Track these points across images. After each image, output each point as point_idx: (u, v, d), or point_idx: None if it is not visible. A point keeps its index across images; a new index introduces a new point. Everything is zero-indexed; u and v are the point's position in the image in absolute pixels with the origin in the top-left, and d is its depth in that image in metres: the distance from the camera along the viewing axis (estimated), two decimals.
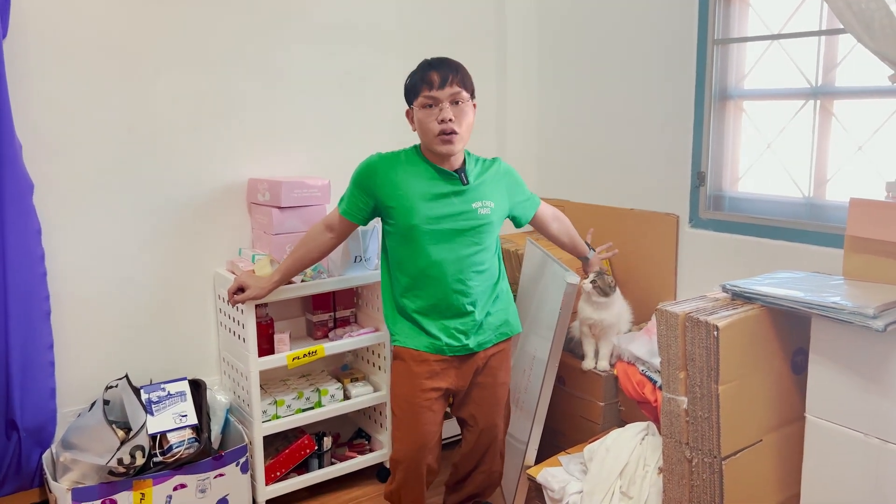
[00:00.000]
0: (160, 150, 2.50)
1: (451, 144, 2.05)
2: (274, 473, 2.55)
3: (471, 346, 2.16)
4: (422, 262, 2.10)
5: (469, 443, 2.28)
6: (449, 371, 2.16)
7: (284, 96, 2.72)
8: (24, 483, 2.34)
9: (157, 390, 2.37)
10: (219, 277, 2.59)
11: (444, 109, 2.03)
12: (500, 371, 2.25)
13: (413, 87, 2.08)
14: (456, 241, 2.10)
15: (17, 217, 2.19)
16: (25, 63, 2.23)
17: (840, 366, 1.70)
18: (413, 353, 2.15)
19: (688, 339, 1.80)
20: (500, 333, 2.23)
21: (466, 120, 2.08)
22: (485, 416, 2.24)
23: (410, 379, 2.15)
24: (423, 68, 2.08)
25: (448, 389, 2.18)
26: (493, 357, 2.22)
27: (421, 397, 2.13)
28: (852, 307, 1.61)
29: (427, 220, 2.08)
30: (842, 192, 2.32)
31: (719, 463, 1.78)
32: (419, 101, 2.06)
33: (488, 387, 2.22)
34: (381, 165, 2.14)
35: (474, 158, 2.22)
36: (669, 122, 2.72)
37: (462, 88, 2.06)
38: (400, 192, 2.10)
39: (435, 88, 2.03)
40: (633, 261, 2.90)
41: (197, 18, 2.50)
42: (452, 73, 2.04)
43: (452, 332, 2.14)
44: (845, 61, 2.27)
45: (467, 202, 2.11)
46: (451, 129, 2.03)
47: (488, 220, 2.14)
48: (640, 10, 2.79)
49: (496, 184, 2.20)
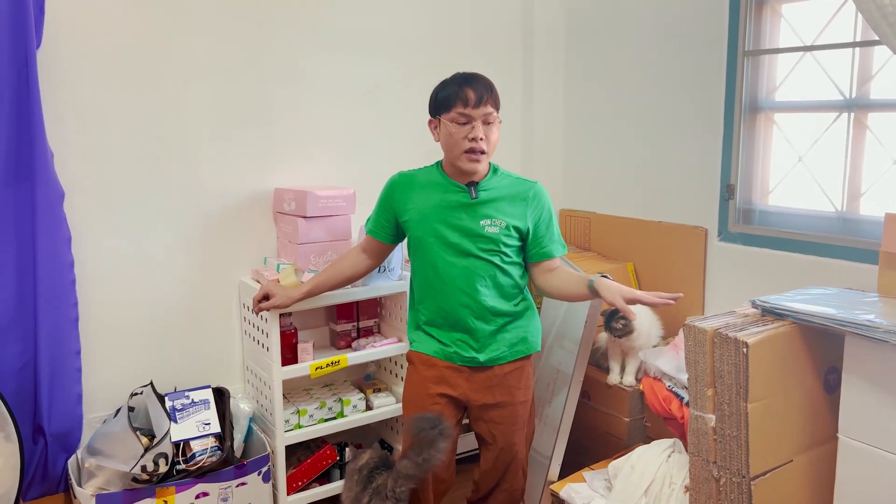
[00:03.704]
0: (188, 159, 2.52)
1: (478, 163, 2.07)
2: (296, 483, 2.54)
3: (480, 359, 2.13)
4: (429, 274, 2.14)
5: (488, 461, 2.24)
6: (458, 380, 2.15)
7: (311, 106, 2.73)
8: (50, 488, 2.37)
9: (181, 398, 2.38)
10: (244, 286, 2.61)
11: (476, 128, 2.04)
12: (519, 390, 2.18)
13: (447, 99, 2.07)
14: (463, 255, 2.10)
15: (48, 225, 2.22)
16: (58, 73, 2.27)
17: (874, 385, 1.65)
18: (423, 357, 2.19)
19: (716, 356, 1.76)
20: (516, 351, 2.17)
21: (493, 138, 2.09)
22: (503, 435, 2.19)
23: (418, 382, 2.19)
24: (458, 83, 2.07)
25: (457, 399, 2.16)
26: (510, 375, 2.17)
27: (427, 401, 2.14)
28: (888, 326, 1.57)
29: (433, 233, 2.11)
30: (876, 207, 2.27)
31: (748, 483, 1.74)
32: (451, 115, 2.06)
33: (506, 405, 2.17)
34: (400, 182, 2.21)
35: (504, 175, 2.18)
36: (699, 134, 2.69)
37: (494, 109, 2.07)
38: (412, 205, 2.15)
39: (470, 106, 2.03)
40: (661, 274, 2.86)
41: (225, 29, 2.53)
42: (487, 93, 2.05)
43: (461, 343, 2.14)
44: (881, 73, 2.22)
45: (475, 218, 2.10)
46: (481, 148, 2.05)
47: (496, 239, 2.09)
48: (670, 22, 2.76)
49: (517, 204, 2.13)
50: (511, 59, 3.19)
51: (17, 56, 2.11)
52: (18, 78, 2.12)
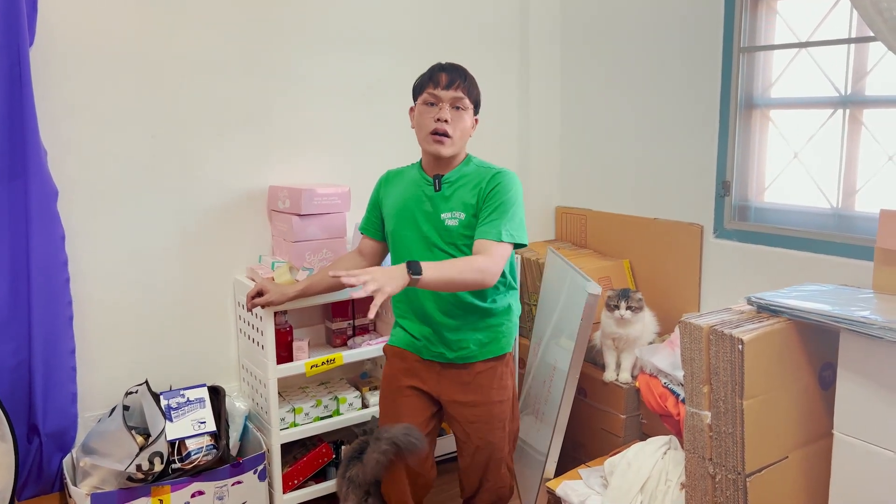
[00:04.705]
0: (183, 157, 2.51)
1: (442, 145, 2.05)
2: (291, 481, 2.54)
3: (449, 356, 2.13)
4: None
5: (465, 460, 2.22)
6: (428, 374, 2.16)
7: (307, 104, 2.72)
8: (45, 487, 2.36)
9: (176, 396, 2.38)
10: (239, 284, 2.60)
11: (442, 109, 2.03)
12: (493, 390, 2.15)
13: (419, 84, 2.10)
14: (429, 248, 2.09)
15: (42, 223, 2.21)
16: (51, 70, 2.25)
17: (869, 382, 1.65)
18: (395, 350, 2.22)
19: (712, 353, 1.76)
20: (487, 351, 2.14)
21: (462, 125, 2.06)
22: (478, 435, 2.16)
23: (390, 375, 2.22)
24: (433, 68, 2.10)
25: (428, 393, 2.17)
26: (482, 375, 2.14)
27: (397, 393, 2.17)
28: (883, 322, 1.57)
29: (403, 226, 2.13)
30: (872, 203, 2.27)
31: (743, 480, 1.74)
32: (422, 97, 2.07)
33: (479, 405, 2.14)
34: (386, 179, 2.25)
35: (476, 164, 2.13)
36: (694, 131, 2.69)
37: (465, 95, 2.06)
38: (390, 200, 2.18)
39: (440, 88, 2.04)
40: (657, 271, 2.86)
41: (220, 27, 2.52)
42: (460, 79, 2.05)
43: (429, 337, 2.14)
44: (875, 69, 2.22)
45: (438, 211, 2.09)
46: (444, 129, 2.03)
47: (455, 231, 2.06)
48: (665, 18, 2.76)
49: (473, 193, 2.05)
50: (507, 57, 3.19)
51: (9, 53, 2.10)
52: (11, 75, 2.11)
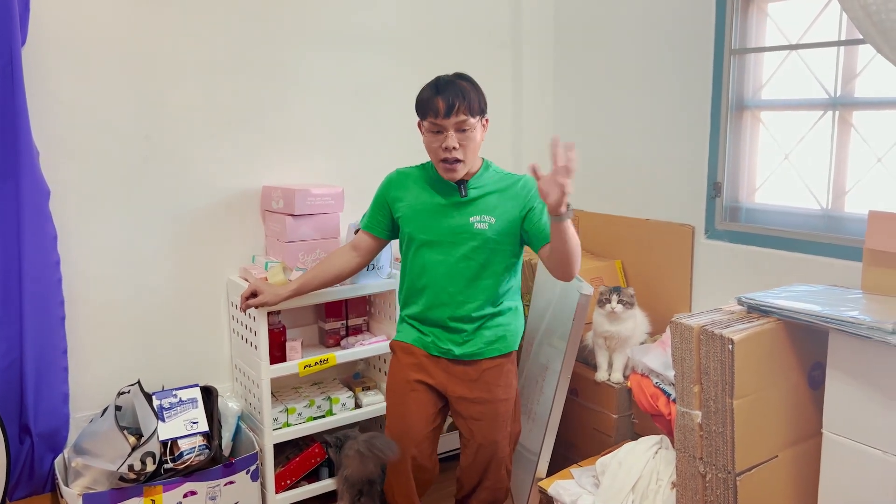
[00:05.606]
0: (176, 158, 2.51)
1: (454, 172, 2.07)
2: (284, 481, 2.54)
3: (456, 352, 2.15)
4: (416, 271, 2.16)
5: (468, 457, 2.24)
6: (436, 370, 2.17)
7: (300, 104, 2.72)
8: (37, 488, 2.35)
9: (168, 397, 2.38)
10: (232, 284, 2.60)
11: (448, 138, 2.02)
12: (499, 387, 2.18)
13: (420, 107, 2.08)
14: (450, 253, 2.11)
15: (34, 223, 2.20)
16: (44, 70, 2.25)
17: (858, 381, 1.67)
18: (403, 345, 2.23)
19: (702, 353, 1.77)
20: (494, 349, 2.16)
21: (472, 145, 2.06)
22: (482, 433, 2.18)
23: (398, 369, 2.23)
24: (431, 91, 2.04)
25: (435, 388, 2.18)
26: (488, 372, 2.17)
27: (406, 387, 2.18)
28: (871, 322, 1.59)
29: (421, 230, 2.13)
30: (860, 205, 2.28)
31: (734, 479, 1.75)
32: (425, 125, 2.07)
33: (485, 402, 2.17)
34: (396, 179, 2.24)
35: (494, 171, 2.18)
36: (685, 132, 2.70)
37: (468, 116, 2.02)
38: (405, 202, 2.18)
39: (441, 117, 2.01)
40: (648, 272, 2.87)
41: (213, 27, 2.51)
42: (459, 100, 2.00)
43: (438, 335, 2.16)
44: (865, 72, 2.24)
45: (465, 216, 2.10)
46: (453, 157, 2.04)
47: (484, 236, 2.09)
48: (657, 20, 2.77)
49: (507, 200, 2.12)
50: (500, 58, 3.19)
51: (1, 53, 2.09)
52: (3, 75, 2.11)
